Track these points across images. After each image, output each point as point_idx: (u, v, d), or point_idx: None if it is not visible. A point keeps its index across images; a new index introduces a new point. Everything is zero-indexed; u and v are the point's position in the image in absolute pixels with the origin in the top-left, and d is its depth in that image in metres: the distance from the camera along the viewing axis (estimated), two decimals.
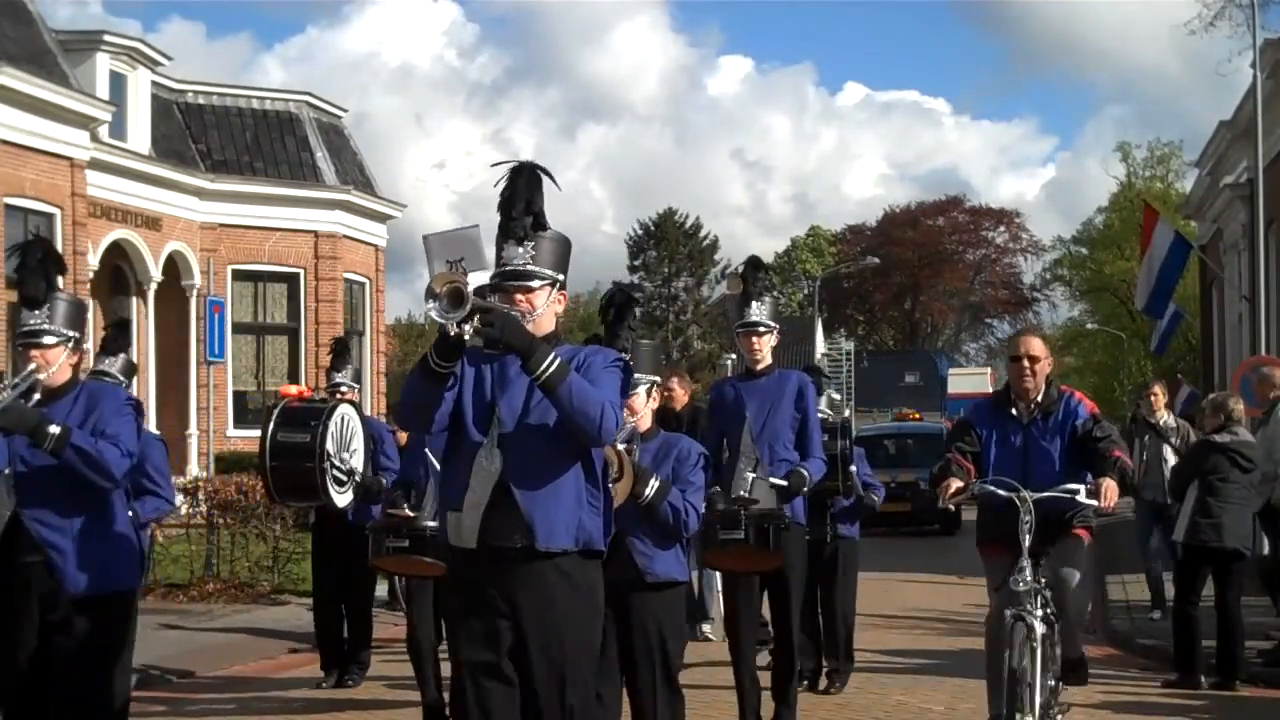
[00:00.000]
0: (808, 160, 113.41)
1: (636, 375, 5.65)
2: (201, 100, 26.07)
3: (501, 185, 4.69)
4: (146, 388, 23.56)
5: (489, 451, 4.55)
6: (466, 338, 4.39)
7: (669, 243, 58.80)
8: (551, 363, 4.43)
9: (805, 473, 7.35)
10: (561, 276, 4.73)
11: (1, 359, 19.04)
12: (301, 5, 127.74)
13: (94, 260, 21.89)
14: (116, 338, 7.51)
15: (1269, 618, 10.82)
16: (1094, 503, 6.42)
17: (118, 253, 23.34)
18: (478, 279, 6.57)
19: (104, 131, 21.80)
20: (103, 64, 22.77)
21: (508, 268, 4.67)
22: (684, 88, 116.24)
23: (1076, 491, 6.40)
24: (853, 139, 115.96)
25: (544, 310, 4.66)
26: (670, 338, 57.75)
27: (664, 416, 11.51)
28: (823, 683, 9.39)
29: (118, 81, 23.13)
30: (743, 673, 7.39)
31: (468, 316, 4.35)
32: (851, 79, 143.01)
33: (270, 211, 25.65)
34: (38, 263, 5.47)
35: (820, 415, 9.64)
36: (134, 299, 23.83)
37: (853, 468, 9.62)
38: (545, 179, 4.73)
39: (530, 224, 4.66)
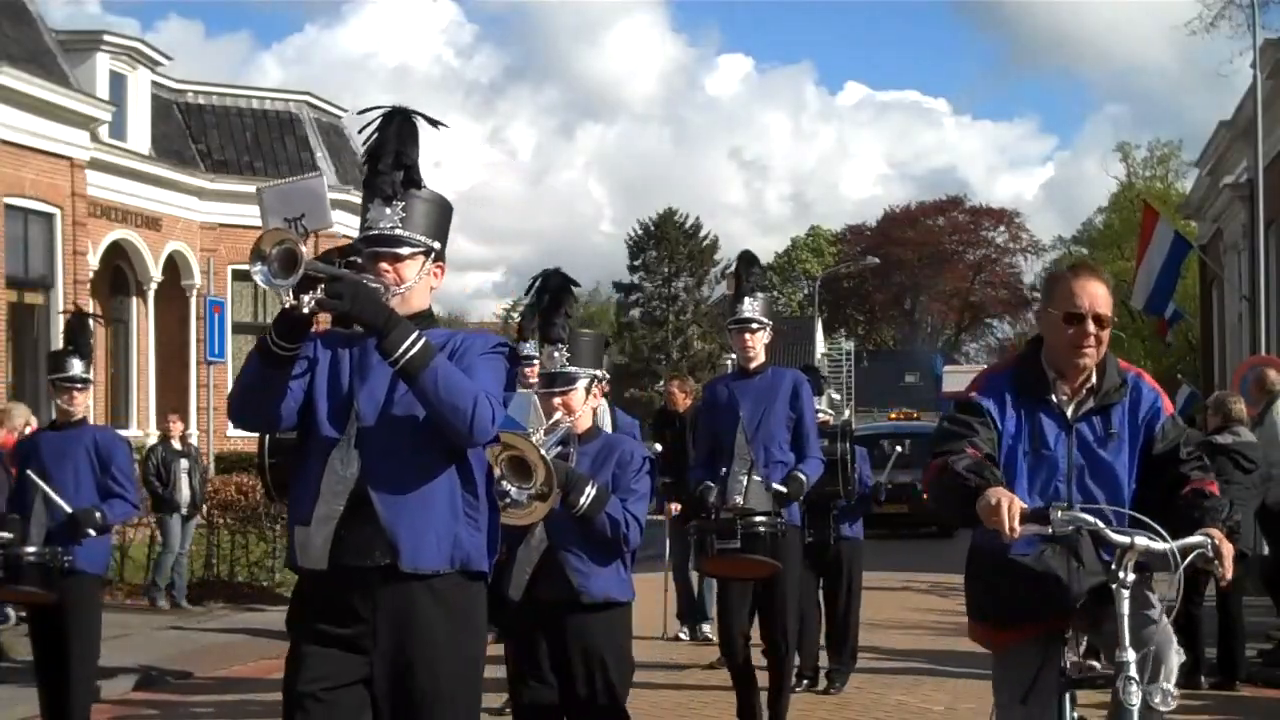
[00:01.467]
0: (806, 159, 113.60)
1: (574, 370, 5.23)
2: (201, 100, 26.06)
3: (369, 134, 3.95)
4: (146, 388, 23.57)
5: (345, 452, 3.78)
6: (306, 310, 3.61)
7: (669, 243, 58.70)
8: (413, 344, 3.66)
9: (803, 477, 7.09)
10: (438, 245, 3.97)
11: (1, 358, 19.07)
12: (300, 4, 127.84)
13: (94, 260, 21.87)
14: (84, 336, 6.86)
15: (1269, 618, 10.82)
16: (1219, 571, 3.89)
17: (118, 253, 23.33)
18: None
19: (104, 131, 21.78)
20: (103, 64, 22.76)
21: (373, 231, 3.93)
22: (682, 87, 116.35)
23: (1209, 552, 3.85)
24: (851, 138, 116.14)
25: (415, 283, 3.90)
26: (670, 338, 57.70)
27: (668, 418, 11.62)
28: (822, 683, 9.40)
29: (118, 81, 23.12)
30: (737, 675, 7.32)
31: (305, 284, 3.56)
32: (851, 78, 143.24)
33: None
34: None
35: (821, 417, 9.64)
36: (134, 299, 23.82)
37: (870, 478, 9.78)
38: (431, 133, 4.02)
39: (401, 180, 3.90)
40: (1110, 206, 60.20)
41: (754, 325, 7.16)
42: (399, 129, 3.91)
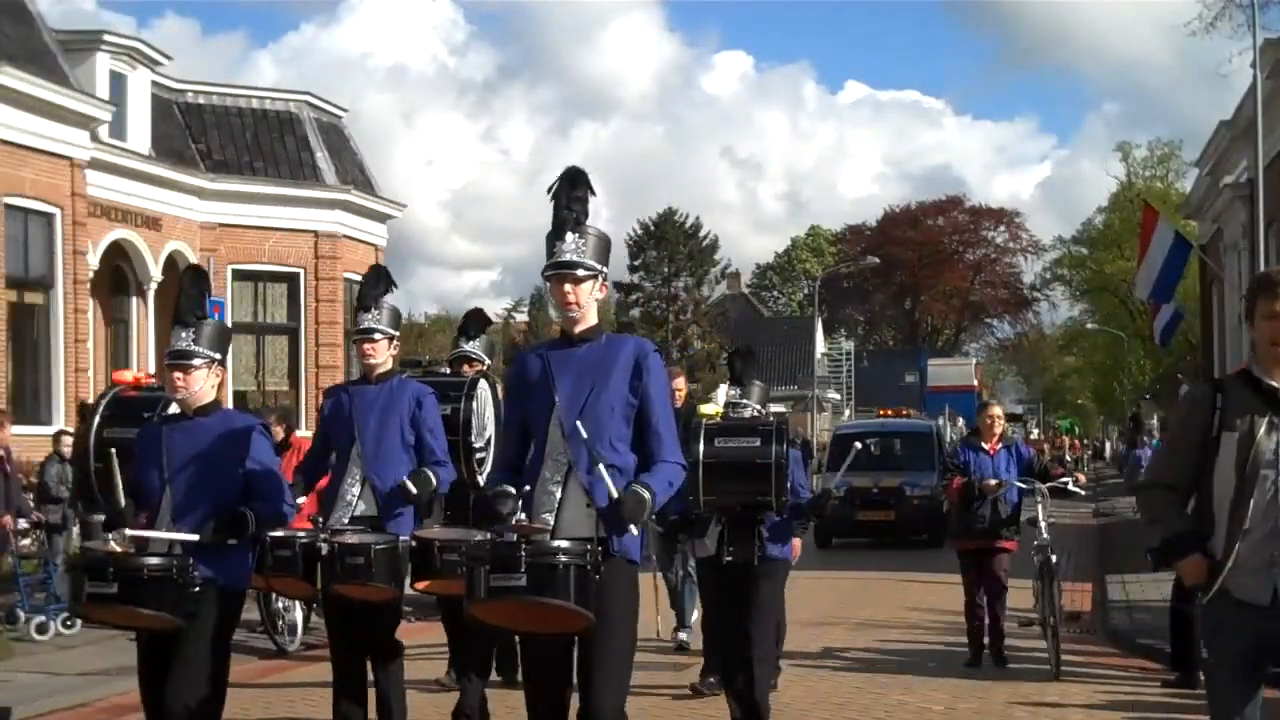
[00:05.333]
0: (803, 158, 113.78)
1: None
2: (201, 100, 26.05)
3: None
4: None
5: None
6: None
7: (669, 243, 58.67)
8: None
9: (645, 495, 4.82)
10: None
11: (1, 358, 19.07)
12: (296, 3, 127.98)
13: (94, 260, 21.88)
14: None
15: None
16: None
17: (118, 253, 23.34)
18: None
19: (104, 131, 21.79)
20: (102, 64, 22.77)
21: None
22: (679, 86, 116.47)
23: None
24: (847, 137, 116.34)
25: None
26: (670, 338, 57.67)
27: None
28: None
29: (118, 81, 23.13)
30: None
31: None
32: (851, 78, 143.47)
33: (270, 211, 25.64)
34: None
35: (752, 411, 7.72)
36: (134, 299, 23.83)
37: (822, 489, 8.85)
38: None
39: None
40: (1110, 206, 60.24)
41: (580, 271, 4.99)
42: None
